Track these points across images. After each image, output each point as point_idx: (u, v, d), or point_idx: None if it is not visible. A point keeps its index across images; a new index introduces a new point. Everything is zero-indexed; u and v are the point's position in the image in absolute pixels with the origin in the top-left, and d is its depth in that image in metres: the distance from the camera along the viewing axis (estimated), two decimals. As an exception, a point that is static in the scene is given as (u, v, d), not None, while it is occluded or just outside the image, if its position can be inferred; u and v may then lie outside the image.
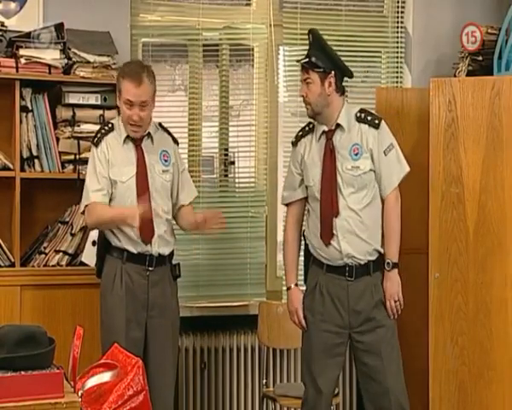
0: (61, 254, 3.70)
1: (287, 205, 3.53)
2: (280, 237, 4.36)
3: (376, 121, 3.33)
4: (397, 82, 4.41)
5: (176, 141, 3.55)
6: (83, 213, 3.42)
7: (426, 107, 3.82)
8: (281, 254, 4.32)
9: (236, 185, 4.40)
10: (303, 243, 3.48)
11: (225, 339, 4.16)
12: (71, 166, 3.73)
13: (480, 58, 3.88)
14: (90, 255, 3.69)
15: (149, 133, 3.43)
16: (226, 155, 4.33)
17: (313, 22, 4.31)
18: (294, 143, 3.47)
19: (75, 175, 3.71)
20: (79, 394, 2.37)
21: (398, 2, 4.40)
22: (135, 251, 3.36)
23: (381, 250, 3.34)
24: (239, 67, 4.45)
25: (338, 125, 3.34)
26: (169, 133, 3.54)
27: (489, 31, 3.90)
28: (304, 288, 3.47)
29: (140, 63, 3.50)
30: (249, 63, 4.39)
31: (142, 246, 3.36)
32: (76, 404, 2.27)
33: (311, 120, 3.41)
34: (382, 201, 3.35)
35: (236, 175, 4.39)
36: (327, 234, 3.32)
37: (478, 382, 3.69)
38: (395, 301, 3.31)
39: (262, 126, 4.32)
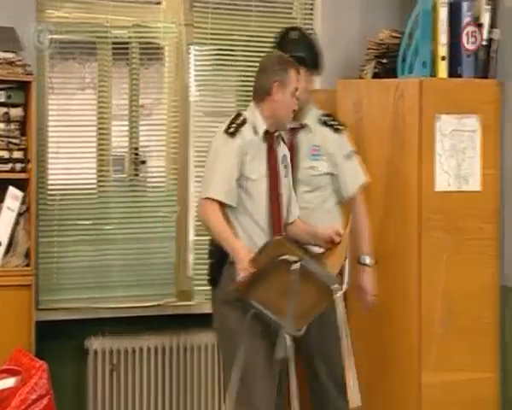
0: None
1: None
2: (191, 237, 4.35)
3: None
4: (305, 83, 4.45)
5: None
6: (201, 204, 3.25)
7: (334, 108, 3.88)
8: (192, 254, 4.34)
9: (147, 185, 4.36)
10: None
11: (135, 340, 4.11)
12: (-25, 165, 3.63)
13: (385, 61, 3.98)
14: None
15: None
16: (136, 154, 4.29)
17: (224, 22, 4.33)
18: None
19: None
20: (-20, 400, 2.32)
21: (306, 4, 4.45)
22: None
23: None
24: (150, 65, 4.42)
25: None
26: None
27: (393, 34, 4.00)
28: None
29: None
30: (160, 62, 4.36)
31: None
32: (-25, 410, 2.22)
33: None
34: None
35: (147, 175, 4.36)
36: None
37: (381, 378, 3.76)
38: None
39: (173, 126, 4.30)
